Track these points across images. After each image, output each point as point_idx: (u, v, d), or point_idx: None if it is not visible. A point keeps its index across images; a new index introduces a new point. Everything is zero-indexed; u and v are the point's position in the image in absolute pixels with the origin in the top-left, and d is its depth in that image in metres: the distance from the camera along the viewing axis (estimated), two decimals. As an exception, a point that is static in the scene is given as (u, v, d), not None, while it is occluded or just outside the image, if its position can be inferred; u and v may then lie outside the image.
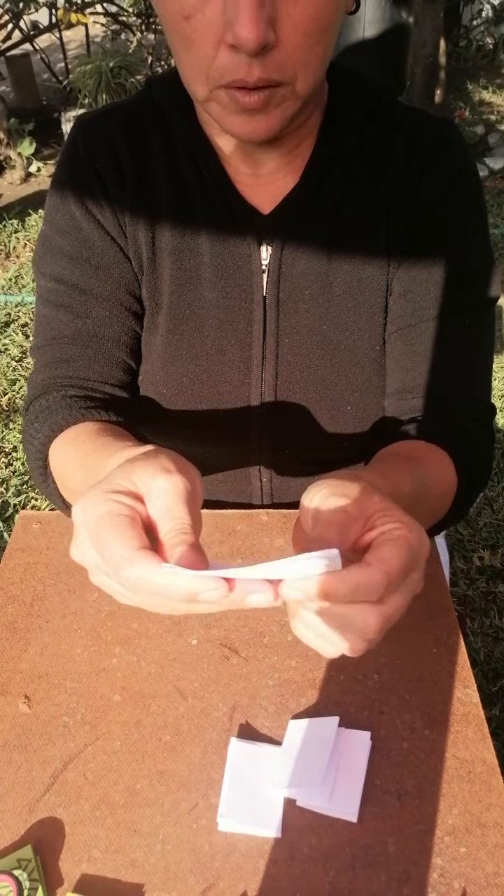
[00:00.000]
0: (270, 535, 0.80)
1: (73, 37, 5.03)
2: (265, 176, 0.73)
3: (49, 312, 0.77)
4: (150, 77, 0.76)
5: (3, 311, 2.84)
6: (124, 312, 0.77)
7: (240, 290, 0.75)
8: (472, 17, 5.36)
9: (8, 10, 3.84)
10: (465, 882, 0.54)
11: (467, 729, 0.63)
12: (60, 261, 0.75)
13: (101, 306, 0.75)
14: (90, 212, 0.73)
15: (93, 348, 0.76)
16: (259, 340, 0.76)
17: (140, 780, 0.60)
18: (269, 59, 0.54)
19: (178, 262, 0.74)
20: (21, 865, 0.54)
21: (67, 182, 0.74)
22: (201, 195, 0.73)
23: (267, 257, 0.74)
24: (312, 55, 0.57)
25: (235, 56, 0.54)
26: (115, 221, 0.74)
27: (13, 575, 0.77)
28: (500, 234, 3.21)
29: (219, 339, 0.77)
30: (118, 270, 0.75)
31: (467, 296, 0.75)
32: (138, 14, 4.50)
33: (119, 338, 0.77)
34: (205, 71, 0.57)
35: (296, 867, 0.55)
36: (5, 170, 3.96)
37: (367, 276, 0.75)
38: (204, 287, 0.75)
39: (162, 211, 0.74)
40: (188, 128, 0.72)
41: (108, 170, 0.73)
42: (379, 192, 0.73)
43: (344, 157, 0.72)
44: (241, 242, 0.73)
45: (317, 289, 0.75)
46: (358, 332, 0.76)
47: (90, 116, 0.75)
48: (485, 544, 1.84)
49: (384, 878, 0.54)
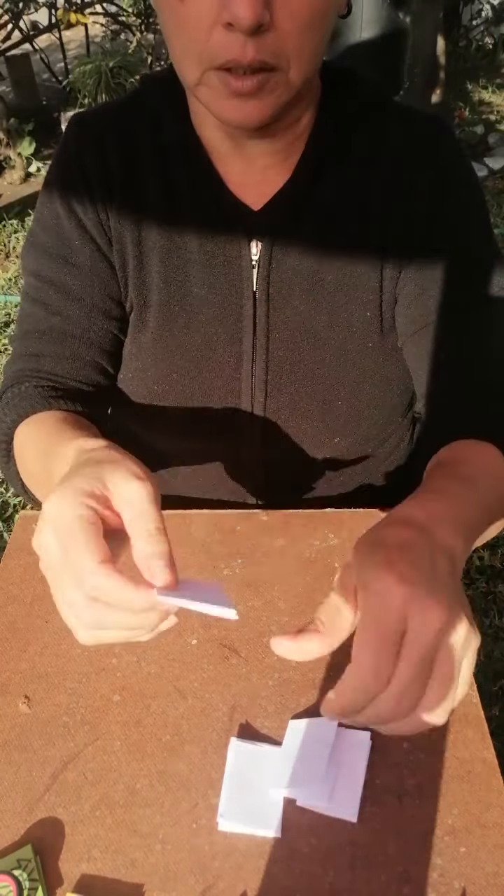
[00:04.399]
0: (270, 535, 0.80)
1: (72, 37, 5.02)
2: (257, 173, 0.73)
3: (27, 307, 0.79)
4: (144, 75, 0.77)
5: (3, 311, 2.83)
6: (97, 313, 0.77)
7: (230, 286, 0.75)
8: (472, 17, 5.36)
9: (8, 10, 3.84)
10: (465, 882, 0.54)
11: (467, 729, 0.63)
12: (41, 257, 0.76)
13: (74, 305, 0.76)
14: (73, 211, 0.74)
15: (61, 345, 0.77)
16: (249, 335, 0.77)
17: (140, 780, 0.60)
18: (264, 41, 0.55)
19: (166, 259, 0.75)
20: (21, 865, 0.54)
21: (55, 180, 0.75)
22: (190, 192, 0.73)
23: (257, 253, 0.74)
24: (306, 44, 0.58)
25: (230, 35, 0.55)
26: (97, 221, 0.74)
27: (13, 575, 0.77)
28: (500, 234, 3.22)
29: (209, 335, 0.77)
30: (94, 270, 0.76)
31: (480, 284, 0.75)
32: (138, 14, 4.49)
33: (89, 337, 0.77)
34: (197, 53, 0.58)
35: (296, 867, 0.55)
36: (5, 170, 3.96)
37: (360, 272, 0.75)
38: (193, 283, 0.75)
39: (150, 209, 0.74)
40: (179, 125, 0.72)
41: (95, 169, 0.73)
42: (372, 188, 0.73)
43: (336, 154, 0.73)
44: (230, 238, 0.74)
45: (307, 284, 0.75)
46: (349, 328, 0.77)
47: (83, 116, 0.76)
48: (485, 544, 1.84)
49: (384, 878, 0.54)
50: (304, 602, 0.73)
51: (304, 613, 0.71)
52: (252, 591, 0.74)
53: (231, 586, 0.74)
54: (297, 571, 0.76)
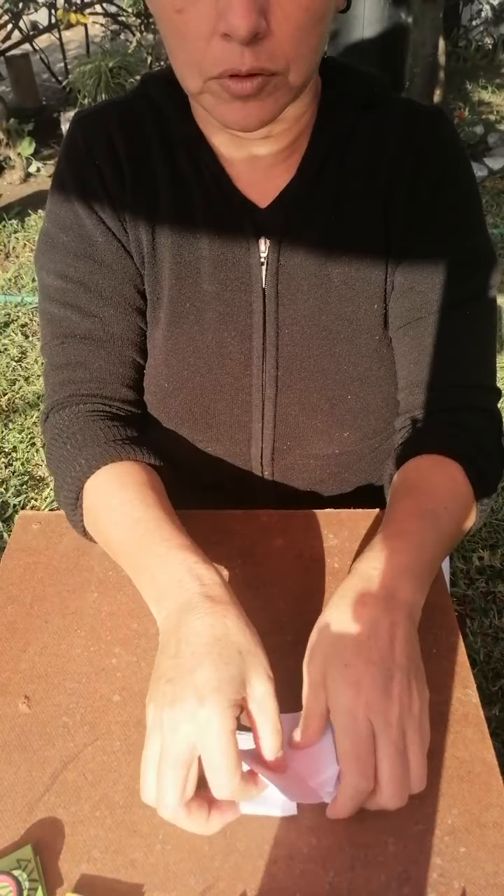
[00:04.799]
0: (270, 536, 0.80)
1: (72, 37, 5.03)
2: (262, 171, 0.73)
3: (57, 311, 0.78)
4: (144, 74, 0.77)
5: (3, 311, 2.83)
6: (130, 310, 0.77)
7: (239, 283, 0.76)
8: (472, 17, 5.37)
9: (8, 10, 3.84)
10: (464, 882, 0.54)
11: (467, 729, 0.63)
12: (65, 257, 0.76)
13: (107, 305, 0.76)
14: (92, 208, 0.74)
15: (106, 349, 0.77)
16: (259, 331, 0.77)
17: (140, 780, 0.60)
18: (261, 48, 0.55)
19: (178, 255, 0.75)
20: (21, 865, 0.54)
21: (68, 178, 0.75)
22: (199, 190, 0.74)
23: (265, 250, 0.74)
24: (304, 46, 0.58)
25: (228, 46, 0.55)
26: (115, 217, 0.74)
27: (13, 575, 0.77)
28: (499, 234, 3.21)
29: (219, 332, 0.77)
30: (121, 266, 0.76)
31: (469, 284, 0.76)
32: (138, 14, 4.49)
33: (128, 336, 0.78)
34: (197, 63, 0.58)
35: (296, 867, 0.55)
36: (5, 170, 3.96)
37: (366, 266, 0.75)
38: (203, 280, 0.76)
39: (161, 206, 0.74)
40: (185, 124, 0.73)
41: (107, 165, 0.73)
42: (375, 182, 0.74)
43: (339, 150, 0.73)
44: (239, 236, 0.74)
45: (315, 280, 0.75)
46: (357, 322, 0.77)
47: (87, 112, 0.76)
48: (484, 544, 1.84)
49: (384, 878, 0.54)
50: (304, 602, 0.73)
51: (304, 613, 0.71)
52: (252, 591, 0.74)
53: (231, 586, 0.74)
54: (297, 571, 0.76)
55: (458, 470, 0.72)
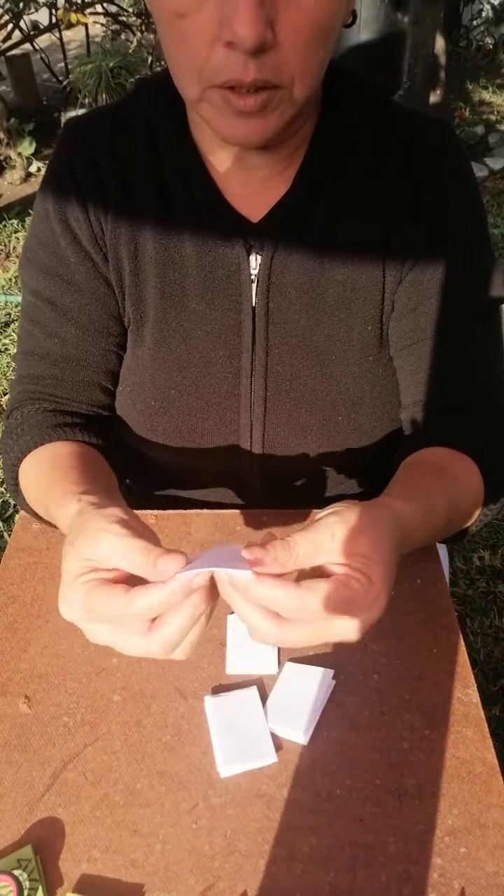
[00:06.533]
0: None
1: (73, 37, 5.02)
2: (256, 184, 0.71)
3: (26, 325, 0.79)
4: (138, 79, 0.75)
5: (3, 311, 2.83)
6: (96, 334, 0.76)
7: (228, 301, 0.73)
8: (472, 17, 5.37)
9: (8, 10, 3.84)
10: (465, 882, 0.54)
11: (467, 729, 0.63)
12: (38, 274, 0.76)
13: (72, 326, 0.76)
14: (69, 226, 0.73)
15: (60, 368, 0.77)
16: (248, 351, 0.75)
17: (140, 780, 0.60)
18: (266, 60, 0.53)
19: (163, 273, 0.73)
20: (21, 865, 0.54)
21: (49, 193, 0.74)
22: (187, 203, 0.71)
23: (256, 266, 0.72)
24: (311, 61, 0.56)
25: (231, 55, 0.53)
26: (92, 236, 0.73)
27: (13, 575, 0.77)
28: (499, 234, 3.21)
29: (207, 351, 0.76)
30: (91, 288, 0.75)
31: (475, 304, 0.74)
32: (138, 14, 4.49)
33: (87, 360, 0.77)
34: (198, 70, 0.55)
35: (296, 867, 0.55)
36: (5, 170, 3.96)
37: (361, 286, 0.73)
38: (190, 298, 0.74)
39: (145, 220, 0.72)
40: (175, 133, 0.70)
41: (87, 178, 0.71)
42: (375, 198, 0.71)
43: (338, 164, 0.70)
44: (229, 251, 0.72)
45: (307, 299, 0.73)
46: (350, 343, 0.75)
47: (75, 123, 0.74)
48: (485, 544, 1.84)
49: (384, 878, 0.54)
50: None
51: (304, 613, 0.71)
52: (252, 591, 0.74)
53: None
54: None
55: (475, 467, 0.70)
